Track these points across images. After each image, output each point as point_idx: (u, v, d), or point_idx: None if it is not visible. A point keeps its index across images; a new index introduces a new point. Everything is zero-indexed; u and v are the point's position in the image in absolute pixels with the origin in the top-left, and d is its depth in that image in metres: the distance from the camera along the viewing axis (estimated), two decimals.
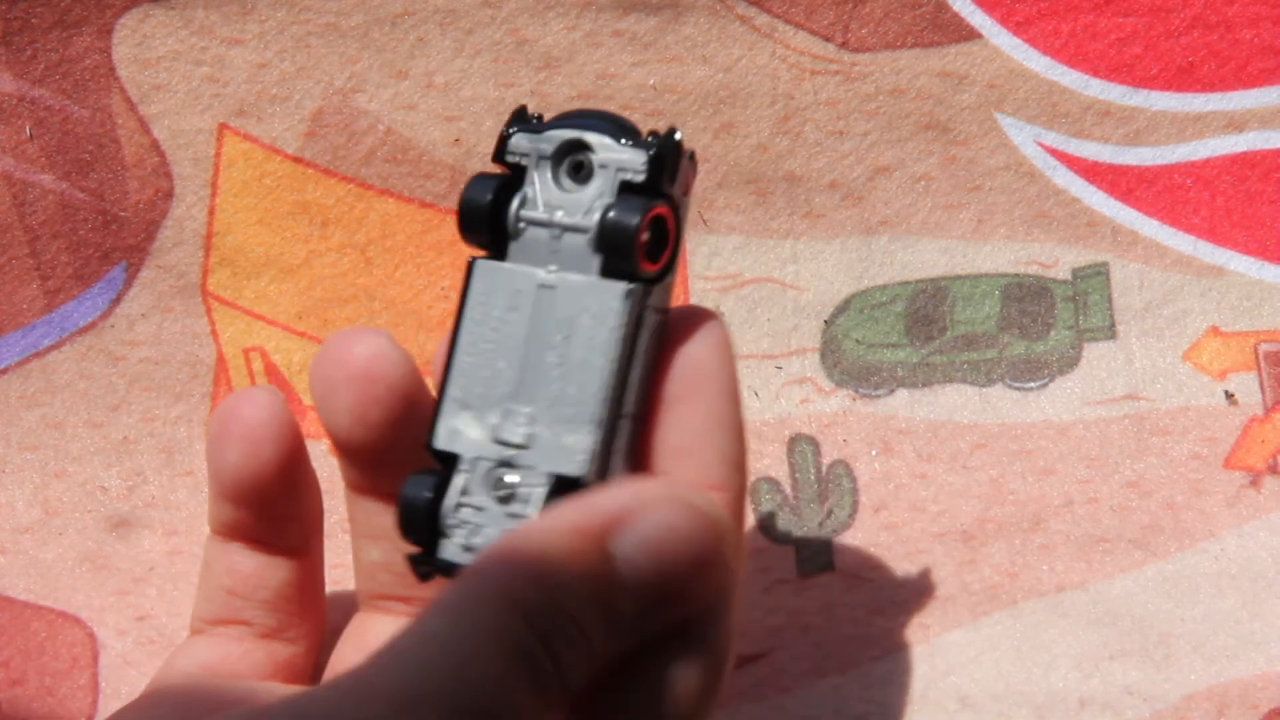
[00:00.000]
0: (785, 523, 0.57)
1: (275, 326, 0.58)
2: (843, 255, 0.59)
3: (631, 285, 0.41)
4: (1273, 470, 0.57)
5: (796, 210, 0.58)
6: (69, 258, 0.58)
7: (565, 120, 0.43)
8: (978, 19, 0.58)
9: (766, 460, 0.57)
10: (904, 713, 0.53)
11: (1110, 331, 0.58)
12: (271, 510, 0.46)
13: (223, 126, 0.58)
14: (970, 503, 0.57)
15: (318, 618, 0.49)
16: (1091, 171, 0.58)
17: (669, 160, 0.42)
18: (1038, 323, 0.58)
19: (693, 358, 0.42)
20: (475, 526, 0.41)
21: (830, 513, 0.57)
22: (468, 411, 0.41)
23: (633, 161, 0.42)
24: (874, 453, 0.57)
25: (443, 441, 0.42)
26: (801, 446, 0.57)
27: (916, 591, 0.55)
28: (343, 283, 0.58)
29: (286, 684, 0.47)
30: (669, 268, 0.42)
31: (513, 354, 0.41)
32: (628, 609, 0.39)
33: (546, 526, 0.38)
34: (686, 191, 0.43)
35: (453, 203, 0.58)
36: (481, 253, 0.44)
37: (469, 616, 0.37)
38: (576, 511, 0.39)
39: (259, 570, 0.47)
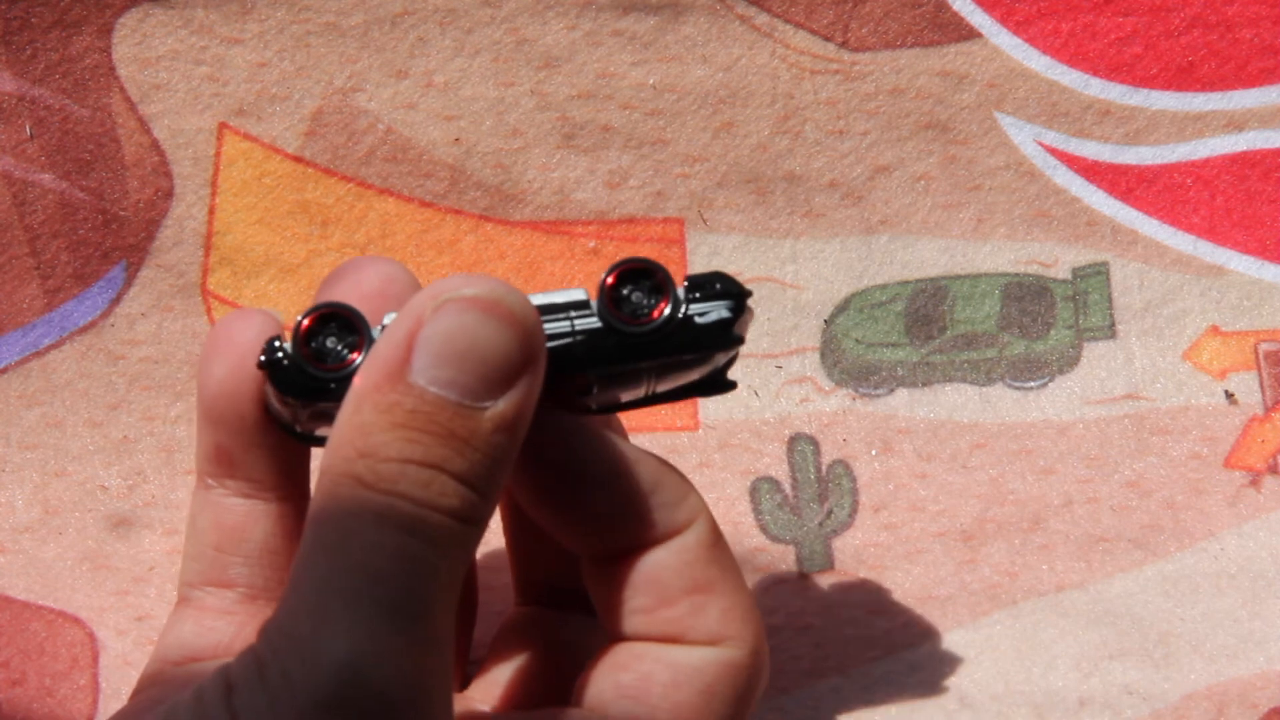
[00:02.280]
0: (785, 522, 0.57)
1: None
2: (842, 254, 0.59)
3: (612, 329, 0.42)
4: (1273, 470, 0.57)
5: (796, 209, 0.58)
6: (69, 257, 0.58)
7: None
8: (978, 18, 0.58)
9: (766, 460, 0.57)
10: (904, 713, 0.53)
11: (1110, 331, 0.58)
12: (255, 435, 0.46)
13: (223, 126, 0.58)
14: (970, 502, 0.57)
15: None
16: (1091, 171, 0.58)
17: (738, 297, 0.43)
18: (1038, 322, 0.58)
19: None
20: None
21: (830, 512, 0.57)
22: None
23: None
24: (874, 452, 0.57)
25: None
26: (801, 446, 0.57)
27: (916, 591, 0.55)
28: None
29: None
30: (651, 340, 0.43)
31: None
32: (465, 421, 0.40)
33: (350, 394, 0.40)
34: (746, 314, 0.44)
35: (453, 202, 0.58)
36: None
37: (321, 511, 0.39)
38: (369, 363, 0.40)
39: (244, 520, 0.47)
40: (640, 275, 0.42)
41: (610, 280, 0.42)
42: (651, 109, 0.58)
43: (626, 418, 0.56)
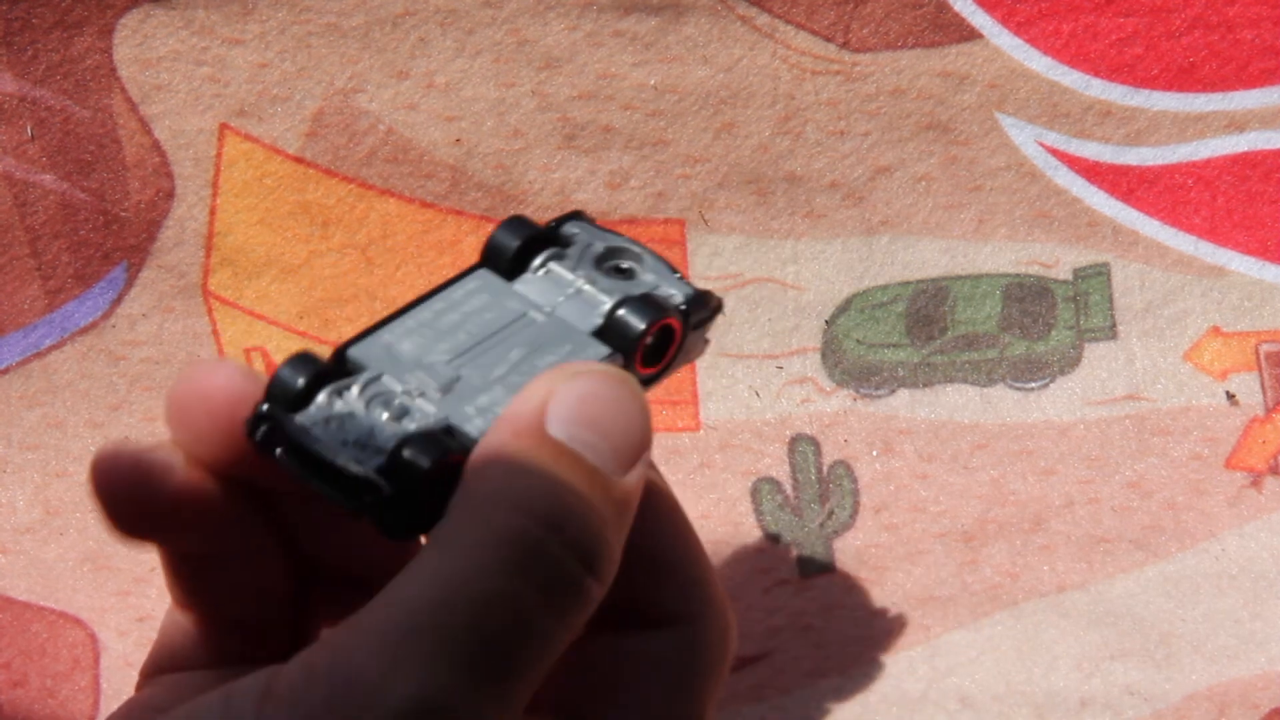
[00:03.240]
0: (786, 523, 0.57)
1: (276, 326, 0.58)
2: (843, 255, 0.59)
3: (614, 353, 0.41)
4: (1274, 470, 0.57)
5: (797, 210, 0.59)
6: (70, 258, 0.58)
7: (625, 237, 0.44)
8: (979, 19, 0.58)
9: (767, 460, 0.57)
10: (904, 713, 0.53)
11: (1111, 331, 0.58)
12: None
13: (224, 127, 0.58)
14: (971, 503, 0.57)
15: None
16: (1092, 171, 0.58)
17: (714, 311, 0.43)
18: (1038, 323, 0.58)
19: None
20: (344, 417, 0.40)
21: (831, 513, 0.57)
22: (396, 348, 0.41)
23: (678, 285, 0.43)
24: (875, 453, 0.57)
25: (358, 352, 0.40)
26: (802, 447, 0.57)
27: (917, 592, 0.55)
28: (344, 283, 0.58)
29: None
30: (652, 382, 0.43)
31: (462, 342, 0.42)
32: (601, 475, 0.38)
33: (499, 441, 0.38)
34: (691, 353, 0.43)
35: (454, 203, 0.58)
36: None
37: (461, 533, 0.36)
38: (509, 421, 0.38)
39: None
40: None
41: (640, 360, 0.42)
42: (652, 110, 0.58)
43: None
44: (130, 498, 0.41)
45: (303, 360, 0.40)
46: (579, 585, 0.37)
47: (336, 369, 0.40)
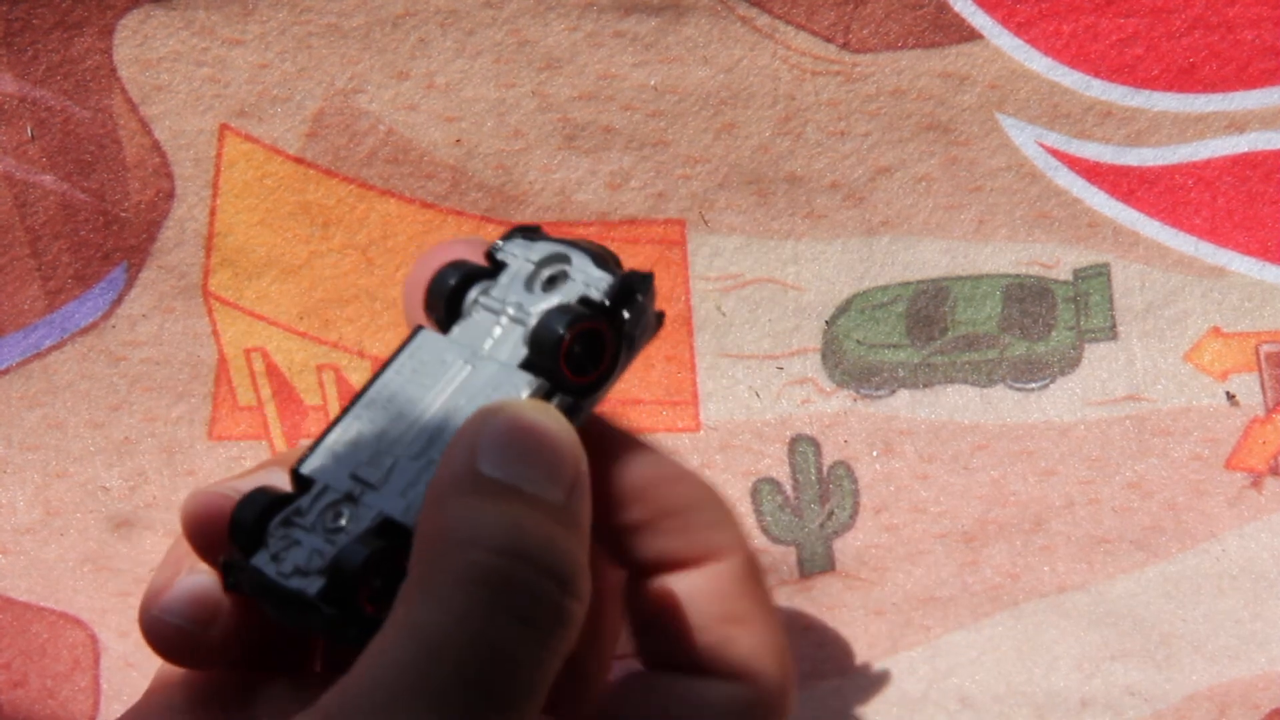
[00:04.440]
0: (786, 524, 0.57)
1: (276, 327, 0.58)
2: (844, 256, 0.59)
3: (539, 381, 0.42)
4: (1274, 471, 0.57)
5: (798, 211, 0.59)
6: (70, 258, 0.58)
7: (561, 240, 0.44)
8: (979, 20, 0.58)
9: (767, 461, 0.57)
10: (905, 713, 0.53)
11: (1111, 332, 0.58)
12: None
13: (224, 127, 0.58)
14: (971, 503, 0.57)
15: None
16: (1093, 172, 0.58)
17: (638, 292, 0.43)
18: (1039, 323, 0.58)
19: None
20: (291, 544, 0.41)
21: (831, 514, 0.57)
22: (341, 450, 0.42)
23: (600, 281, 0.43)
24: (875, 453, 0.57)
25: (307, 467, 0.42)
26: (802, 447, 0.57)
27: (918, 593, 0.55)
28: (344, 283, 0.58)
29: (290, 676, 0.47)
30: (595, 388, 0.43)
31: (410, 412, 0.42)
32: (543, 501, 0.39)
33: (440, 497, 0.39)
34: (643, 336, 0.43)
35: (454, 203, 0.58)
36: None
37: (430, 585, 0.37)
38: (444, 476, 0.39)
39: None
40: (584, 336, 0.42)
41: (566, 371, 0.42)
42: (653, 110, 0.58)
43: (626, 418, 0.56)
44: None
45: (251, 501, 0.42)
46: (558, 606, 0.38)
47: (296, 489, 0.42)
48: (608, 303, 0.42)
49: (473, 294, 0.44)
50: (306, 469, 0.42)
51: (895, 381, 0.58)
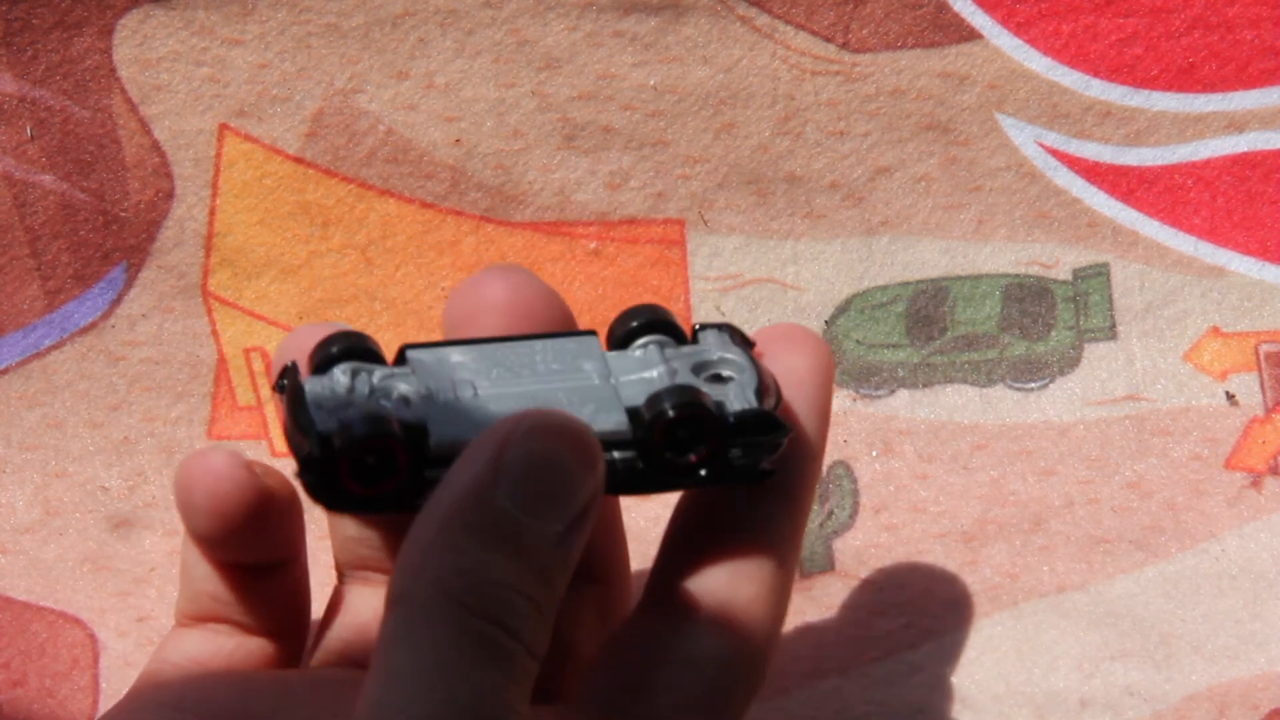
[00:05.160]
0: None
1: (276, 327, 0.58)
2: (843, 256, 0.59)
3: (626, 426, 0.42)
4: (1273, 471, 0.57)
5: (797, 211, 0.59)
6: (70, 258, 0.58)
7: (753, 361, 0.44)
8: (978, 19, 0.58)
9: None
10: (904, 713, 0.53)
11: (1111, 332, 0.58)
12: (249, 548, 0.46)
13: (223, 127, 0.58)
14: (971, 503, 0.57)
15: (304, 611, 0.49)
16: (1092, 172, 0.58)
17: (762, 431, 0.43)
18: (1038, 323, 0.58)
19: (792, 368, 0.44)
20: (338, 388, 0.41)
21: (831, 513, 0.57)
22: (450, 361, 0.42)
23: (739, 405, 0.43)
24: (874, 453, 0.57)
25: (414, 351, 0.42)
26: None
27: (917, 592, 0.55)
28: (343, 283, 0.58)
29: (278, 671, 0.47)
30: (685, 478, 0.43)
31: (510, 376, 0.42)
32: (542, 541, 0.39)
33: (431, 515, 0.39)
34: (759, 471, 0.44)
35: (454, 203, 0.58)
36: None
37: (418, 636, 0.38)
38: (451, 486, 0.39)
39: (242, 576, 0.47)
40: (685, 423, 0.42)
41: (657, 438, 0.42)
42: (652, 110, 0.58)
43: None
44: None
45: (346, 336, 0.42)
46: (509, 654, 0.38)
47: (396, 360, 0.42)
48: (731, 419, 0.42)
49: (647, 338, 0.44)
50: (414, 353, 0.42)
51: (895, 381, 0.58)
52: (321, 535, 0.52)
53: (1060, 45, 0.58)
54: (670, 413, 0.41)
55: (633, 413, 0.42)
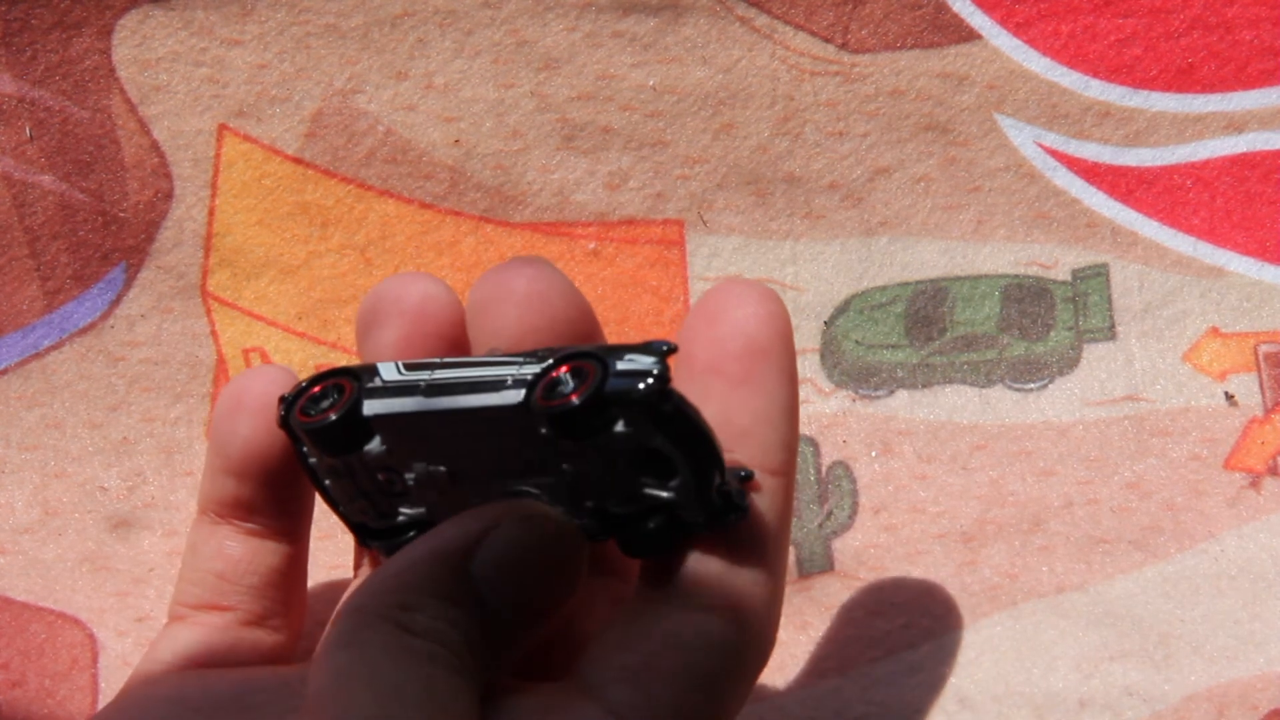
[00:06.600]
0: None
1: (275, 327, 0.58)
2: (842, 256, 0.59)
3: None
4: (1272, 471, 0.57)
5: (796, 211, 0.59)
6: (69, 258, 0.58)
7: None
8: (978, 20, 0.58)
9: None
10: (904, 713, 0.53)
11: (1110, 332, 0.58)
12: (274, 487, 0.47)
13: (222, 127, 0.58)
14: (970, 504, 0.57)
15: (301, 606, 0.49)
16: (1091, 172, 0.58)
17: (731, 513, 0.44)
18: (1037, 323, 0.58)
19: (752, 337, 0.43)
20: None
21: (830, 514, 0.57)
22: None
23: (690, 495, 0.43)
24: (873, 454, 0.57)
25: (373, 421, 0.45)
26: (801, 447, 0.57)
27: (916, 592, 0.55)
28: (343, 283, 0.58)
29: (276, 667, 0.48)
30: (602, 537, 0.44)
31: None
32: (499, 617, 0.41)
33: (408, 554, 0.42)
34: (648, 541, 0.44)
35: (453, 203, 0.58)
36: None
37: (365, 647, 0.40)
38: (436, 537, 0.42)
39: (249, 554, 0.48)
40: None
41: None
42: (651, 110, 0.58)
43: None
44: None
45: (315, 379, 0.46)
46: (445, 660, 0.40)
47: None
48: (702, 519, 0.43)
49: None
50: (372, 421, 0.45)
51: (894, 382, 0.58)
52: (322, 536, 0.52)
53: (1059, 46, 0.58)
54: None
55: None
